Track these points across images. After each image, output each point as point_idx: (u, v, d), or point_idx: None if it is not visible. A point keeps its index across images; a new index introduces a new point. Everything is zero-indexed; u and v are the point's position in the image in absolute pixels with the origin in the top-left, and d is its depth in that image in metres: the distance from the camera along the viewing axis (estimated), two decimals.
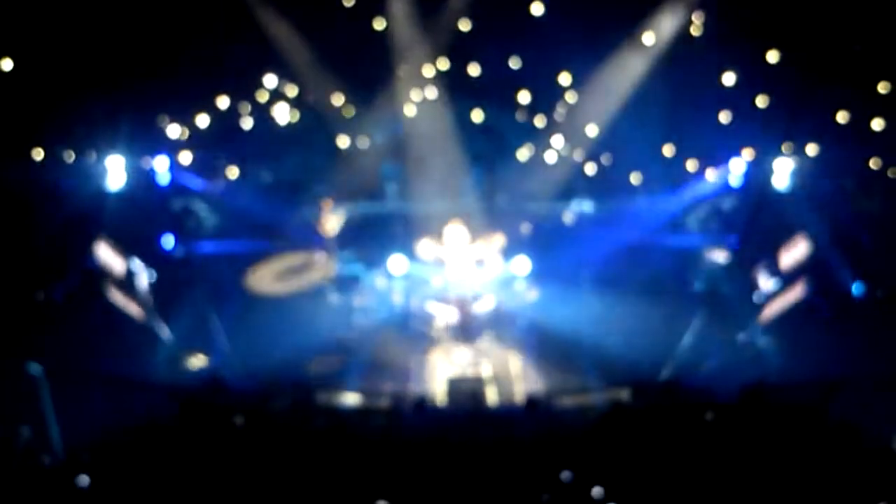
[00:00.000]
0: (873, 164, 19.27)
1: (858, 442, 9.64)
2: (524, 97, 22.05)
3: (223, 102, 21.24)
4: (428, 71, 21.77)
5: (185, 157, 20.28)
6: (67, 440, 11.50)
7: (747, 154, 19.80)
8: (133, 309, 16.13)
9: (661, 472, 9.34)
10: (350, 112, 22.16)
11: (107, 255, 16.85)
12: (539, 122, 22.11)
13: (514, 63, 21.77)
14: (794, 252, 16.85)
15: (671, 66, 20.43)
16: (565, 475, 9.13)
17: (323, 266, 18.64)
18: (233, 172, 21.59)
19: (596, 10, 19.91)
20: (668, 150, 21.31)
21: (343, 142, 22.39)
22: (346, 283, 17.78)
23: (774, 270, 16.87)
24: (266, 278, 18.48)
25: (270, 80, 21.87)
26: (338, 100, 22.03)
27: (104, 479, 9.05)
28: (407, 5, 20.74)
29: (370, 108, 22.22)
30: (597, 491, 8.74)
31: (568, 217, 21.09)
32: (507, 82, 21.96)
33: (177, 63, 19.07)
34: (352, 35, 20.93)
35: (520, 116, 22.26)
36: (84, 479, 9.12)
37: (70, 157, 18.41)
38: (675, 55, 20.35)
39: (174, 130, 20.59)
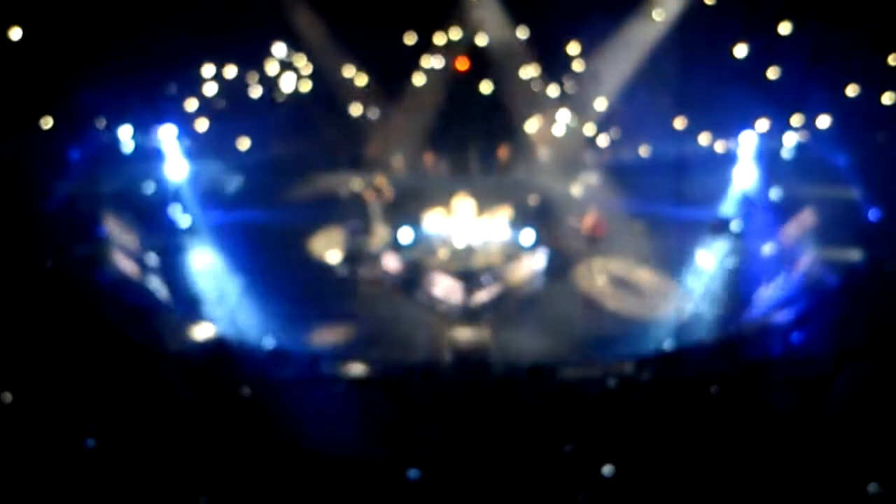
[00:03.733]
0: (882, 137, 19.14)
1: (862, 417, 9.64)
2: (533, 68, 21.97)
3: (231, 72, 21.22)
4: (439, 39, 21.72)
5: (201, 126, 20.34)
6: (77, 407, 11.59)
7: (758, 126, 19.70)
8: (140, 278, 16.18)
9: (665, 444, 9.37)
10: (362, 81, 22.15)
11: (114, 224, 16.89)
12: (548, 93, 22.03)
13: (522, 33, 21.67)
14: (800, 220, 16.86)
15: (682, 38, 20.30)
16: (567, 447, 9.18)
17: (380, 234, 18.73)
18: (243, 143, 21.62)
19: None
20: (677, 123, 21.24)
21: (357, 110, 22.43)
22: (353, 255, 17.78)
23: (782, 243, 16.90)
24: (325, 245, 18.56)
25: (279, 50, 21.83)
26: (348, 71, 22.01)
27: (111, 447, 9.12)
28: None
29: (379, 78, 22.23)
30: (608, 469, 8.77)
31: (577, 189, 21.04)
32: (516, 53, 21.88)
33: (185, 31, 19.01)
34: (362, 4, 20.86)
35: (528, 88, 22.20)
36: (91, 443, 9.20)
37: (78, 125, 18.39)
38: (686, 26, 20.22)
39: (182, 99, 20.61)
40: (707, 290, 16.45)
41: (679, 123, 21.27)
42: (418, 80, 22.01)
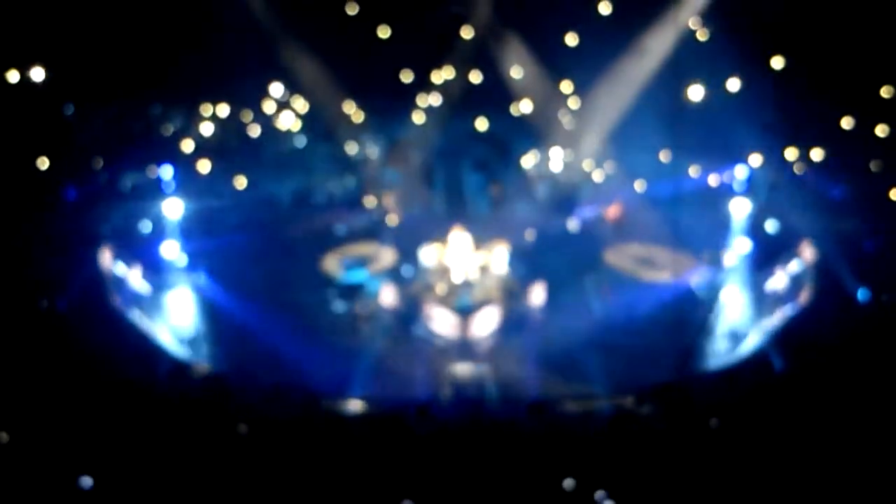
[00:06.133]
0: (876, 168, 19.28)
1: (863, 447, 9.62)
2: (528, 105, 22.15)
3: (229, 112, 21.37)
4: (436, 78, 21.93)
5: (198, 165, 20.48)
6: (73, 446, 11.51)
7: (753, 159, 19.83)
8: (136, 316, 16.14)
9: (666, 477, 9.33)
10: (359, 118, 22.32)
11: (110, 262, 16.88)
12: (542, 129, 22.22)
13: (517, 72, 21.87)
14: (799, 258, 16.88)
15: (676, 73, 20.49)
16: (568, 483, 9.13)
17: (388, 256, 18.94)
18: (240, 182, 21.69)
19: (600, 18, 20.06)
20: (672, 157, 21.38)
21: (352, 148, 22.57)
22: (350, 291, 17.76)
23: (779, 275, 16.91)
24: (336, 264, 18.73)
25: (277, 90, 22.00)
26: (348, 108, 22.18)
27: (108, 484, 9.06)
28: None
29: (376, 116, 22.40)
30: (599, 494, 8.74)
31: (573, 224, 21.10)
32: (510, 90, 22.08)
33: (183, 73, 19.18)
34: (357, 44, 21.09)
35: (523, 124, 22.38)
36: (87, 482, 9.14)
37: (74, 165, 18.49)
38: (680, 61, 20.41)
39: (180, 139, 20.74)
40: (705, 321, 16.46)
41: (673, 157, 21.40)
42: (415, 117, 22.16)
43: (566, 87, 21.89)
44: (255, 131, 22.00)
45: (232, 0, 19.51)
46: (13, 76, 17.49)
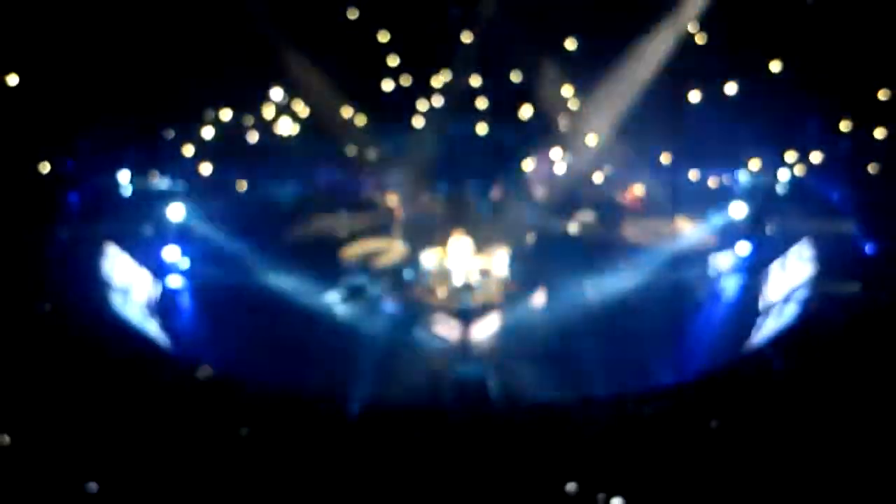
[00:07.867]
0: (875, 170, 19.29)
1: (864, 447, 9.65)
2: (527, 109, 22.17)
3: (229, 116, 21.39)
4: (436, 82, 21.95)
5: (199, 169, 20.51)
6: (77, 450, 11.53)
7: (751, 163, 19.87)
8: (138, 320, 16.17)
9: (667, 479, 9.36)
10: (361, 122, 22.35)
11: (112, 267, 16.92)
12: (543, 133, 22.24)
13: (516, 76, 21.92)
14: (797, 262, 16.93)
15: (673, 77, 20.52)
16: (571, 487, 9.17)
17: (398, 250, 19.17)
18: (242, 186, 21.70)
19: (597, 21, 20.10)
20: (670, 160, 21.41)
21: (352, 151, 22.58)
22: (351, 294, 17.79)
23: (779, 279, 16.94)
24: (348, 260, 19.06)
25: (276, 94, 22.02)
26: (349, 112, 22.19)
27: (111, 487, 9.08)
28: None
29: (377, 120, 22.42)
30: (601, 497, 8.78)
31: (573, 228, 21.14)
32: (510, 94, 22.11)
33: (182, 77, 19.19)
34: (357, 48, 21.12)
35: (524, 127, 22.40)
36: (92, 487, 9.16)
37: (76, 170, 18.50)
38: (678, 65, 20.45)
39: (180, 143, 20.76)
40: (706, 323, 16.51)
41: (672, 160, 21.44)
42: (416, 122, 22.18)
43: (566, 90, 21.91)
44: (255, 135, 22.01)
45: (232, 4, 19.54)
46: (12, 80, 17.50)
